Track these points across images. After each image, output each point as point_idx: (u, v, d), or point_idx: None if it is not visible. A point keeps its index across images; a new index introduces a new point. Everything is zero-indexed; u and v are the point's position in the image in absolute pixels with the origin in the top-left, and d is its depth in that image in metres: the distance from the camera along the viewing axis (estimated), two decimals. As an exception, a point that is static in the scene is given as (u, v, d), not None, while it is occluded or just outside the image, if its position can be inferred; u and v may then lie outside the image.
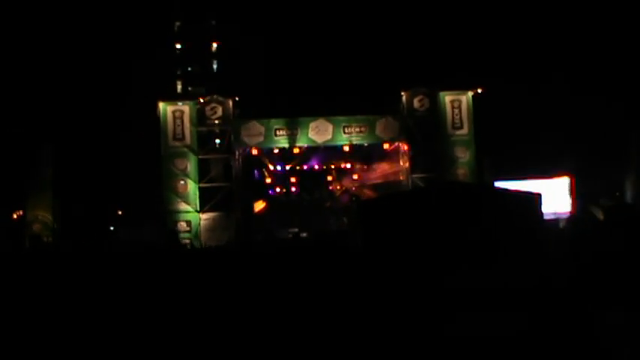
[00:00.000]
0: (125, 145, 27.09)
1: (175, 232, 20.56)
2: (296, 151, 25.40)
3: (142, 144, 25.96)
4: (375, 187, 26.30)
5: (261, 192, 26.93)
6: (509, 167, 24.20)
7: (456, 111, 25.65)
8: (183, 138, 25.00)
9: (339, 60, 27.05)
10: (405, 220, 10.02)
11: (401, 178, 26.06)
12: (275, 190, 27.31)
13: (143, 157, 25.96)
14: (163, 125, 24.93)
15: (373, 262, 8.51)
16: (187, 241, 22.45)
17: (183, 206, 24.78)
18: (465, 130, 25.76)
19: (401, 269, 7.98)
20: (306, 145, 25.42)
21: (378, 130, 25.56)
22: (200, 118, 25.04)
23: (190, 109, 25.00)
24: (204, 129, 25.20)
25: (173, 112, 24.97)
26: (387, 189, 25.46)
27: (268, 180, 27.02)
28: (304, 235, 22.40)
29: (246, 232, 23.87)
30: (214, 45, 29.92)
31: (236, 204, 24.95)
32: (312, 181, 27.37)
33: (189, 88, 29.32)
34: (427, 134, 25.41)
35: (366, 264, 8.52)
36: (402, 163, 26.27)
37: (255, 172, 26.84)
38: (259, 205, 26.53)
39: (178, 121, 24.90)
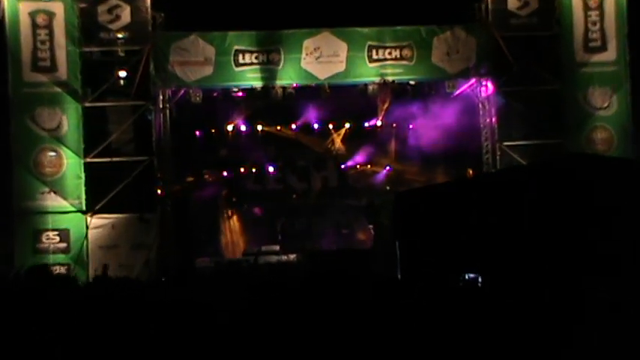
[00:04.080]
0: None
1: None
2: (277, 94, 24.71)
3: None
4: (427, 164, 26.64)
5: (209, 171, 27.27)
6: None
7: (593, 15, 24.71)
8: (53, 67, 23.86)
9: None
10: (494, 229, 11.98)
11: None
12: (237, 170, 27.59)
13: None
14: (12, 41, 23.91)
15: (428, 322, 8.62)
16: (63, 269, 22.68)
17: (53, 200, 23.72)
18: (610, 54, 24.76)
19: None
20: (294, 85, 24.56)
21: (436, 56, 24.55)
22: (88, 28, 23.97)
23: (67, 11, 24.00)
24: (95, 50, 24.26)
25: (31, 16, 23.87)
26: (451, 169, 25.77)
27: (223, 151, 27.34)
28: (293, 257, 23.22)
29: (183, 252, 23.97)
30: None
31: (161, 197, 24.34)
32: (307, 154, 27.80)
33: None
34: (533, 62, 24.27)
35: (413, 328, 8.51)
36: (482, 119, 25.33)
37: (198, 133, 26.82)
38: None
39: (43, 34, 23.78)
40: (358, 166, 27.78)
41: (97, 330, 9.18)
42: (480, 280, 13.21)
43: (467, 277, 13.14)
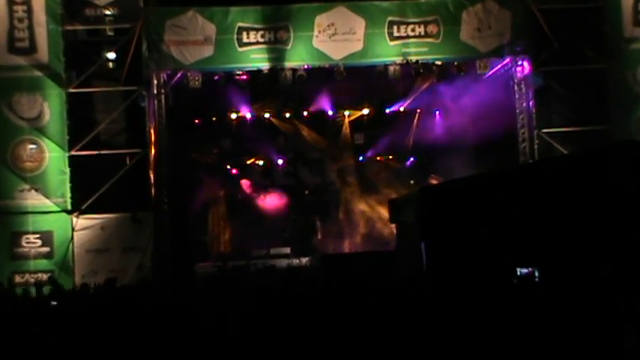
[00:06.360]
0: None
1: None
2: (286, 77, 24.70)
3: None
4: (456, 154, 26.66)
5: (210, 165, 27.85)
6: None
7: (645, -14, 24.78)
8: (32, 48, 23.90)
9: None
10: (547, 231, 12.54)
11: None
12: (240, 161, 28.30)
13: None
14: (-14, 19, 24.19)
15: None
16: (45, 276, 22.93)
17: (34, 199, 23.76)
18: (664, 30, 24.85)
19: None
20: (305, 66, 24.52)
21: (466, 32, 24.50)
22: (71, 3, 24.09)
23: (48, -15, 24.28)
24: (80, 29, 24.42)
25: (7, -9, 24.29)
26: (482, 160, 25.93)
27: (226, 141, 27.91)
28: (305, 261, 23.55)
29: (181, 255, 24.16)
30: None
31: (156, 194, 24.34)
32: (320, 145, 28.15)
33: None
34: (576, 38, 24.22)
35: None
36: (517, 103, 25.33)
37: (197, 122, 27.24)
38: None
39: (20, 10, 23.87)
40: (378, 158, 28.04)
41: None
42: (536, 275, 13.31)
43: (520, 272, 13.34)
